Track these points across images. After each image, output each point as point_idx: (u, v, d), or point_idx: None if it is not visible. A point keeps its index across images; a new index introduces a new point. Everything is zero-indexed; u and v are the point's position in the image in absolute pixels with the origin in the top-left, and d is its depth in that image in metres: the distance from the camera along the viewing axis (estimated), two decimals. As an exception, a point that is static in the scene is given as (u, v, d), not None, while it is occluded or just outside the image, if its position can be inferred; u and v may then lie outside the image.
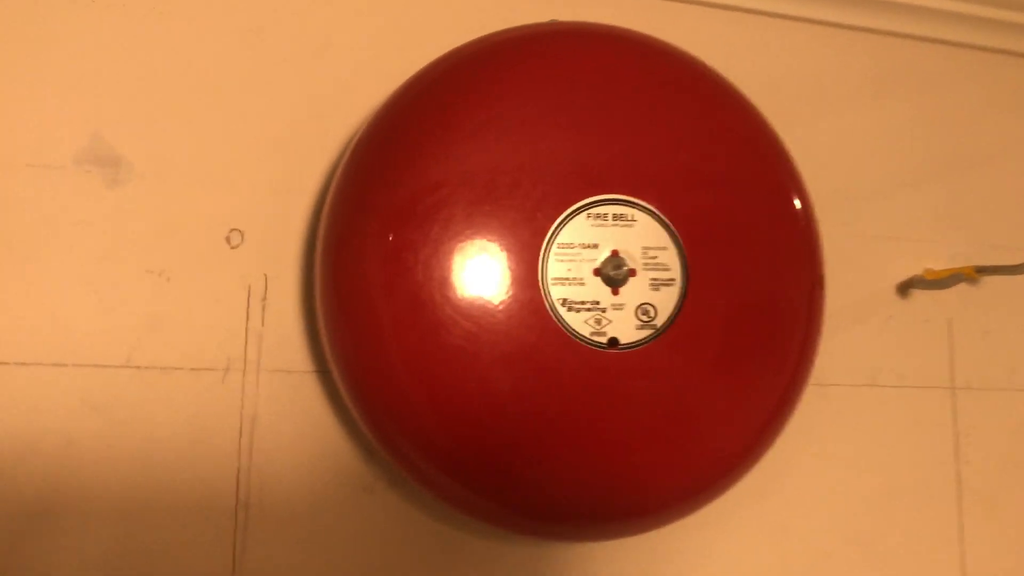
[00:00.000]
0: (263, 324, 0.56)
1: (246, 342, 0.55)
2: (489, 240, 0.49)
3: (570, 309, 0.50)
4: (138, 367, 0.53)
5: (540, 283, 0.49)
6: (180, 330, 0.54)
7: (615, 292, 0.50)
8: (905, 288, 0.69)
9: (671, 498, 0.54)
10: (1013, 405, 0.70)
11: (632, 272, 0.51)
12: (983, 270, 0.66)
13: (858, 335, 0.67)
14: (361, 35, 0.60)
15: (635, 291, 0.51)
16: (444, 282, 0.49)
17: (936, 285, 0.67)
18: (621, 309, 0.50)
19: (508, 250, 0.49)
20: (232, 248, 0.56)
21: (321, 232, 0.52)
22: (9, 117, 0.53)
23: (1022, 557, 0.68)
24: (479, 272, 0.49)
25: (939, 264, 0.69)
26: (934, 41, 0.72)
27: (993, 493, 0.68)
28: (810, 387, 0.59)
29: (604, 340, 0.50)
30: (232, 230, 0.56)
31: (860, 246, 0.69)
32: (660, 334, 0.51)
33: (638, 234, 0.51)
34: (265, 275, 0.56)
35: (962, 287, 0.69)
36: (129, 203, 0.55)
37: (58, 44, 0.54)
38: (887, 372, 0.67)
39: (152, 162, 0.55)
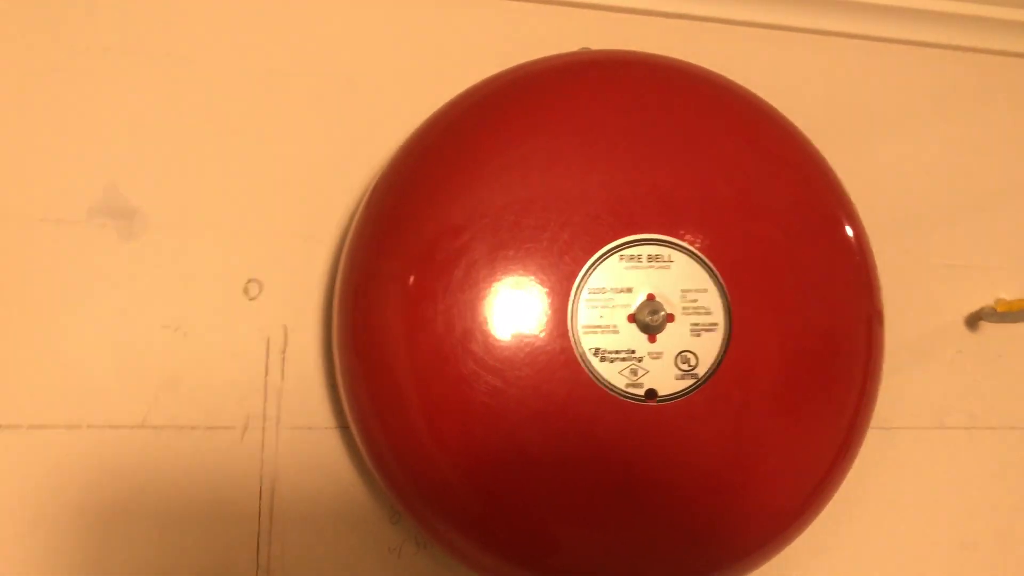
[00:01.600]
0: (283, 378, 0.53)
1: (265, 398, 0.53)
2: (514, 287, 0.46)
3: (603, 359, 0.46)
4: (154, 427, 0.51)
5: (570, 332, 0.46)
6: (197, 387, 0.52)
7: (652, 339, 0.46)
8: (974, 321, 0.63)
9: (723, 560, 0.50)
10: (1101, 446, 0.64)
11: (670, 317, 0.47)
12: (1061, 299, 0.61)
13: (923, 373, 0.62)
14: (383, 77, 0.57)
15: (674, 338, 0.47)
16: (467, 333, 0.45)
17: (1009, 319, 0.62)
18: (659, 358, 0.46)
19: (535, 297, 0.46)
20: (250, 299, 0.53)
21: (338, 280, 0.50)
22: (22, 170, 0.52)
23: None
24: (504, 322, 0.45)
25: (1012, 294, 0.64)
26: (1000, 53, 0.67)
27: (1082, 544, 0.62)
28: (872, 431, 0.54)
29: (641, 392, 0.46)
30: (250, 280, 0.54)
31: (924, 276, 0.64)
32: (703, 384, 0.47)
33: (676, 276, 0.47)
34: (285, 327, 0.54)
35: (1038, 318, 0.64)
36: (144, 256, 0.53)
37: (71, 94, 0.53)
38: (957, 413, 0.62)
39: (167, 212, 0.53)
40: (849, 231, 0.53)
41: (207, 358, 0.52)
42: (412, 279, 0.47)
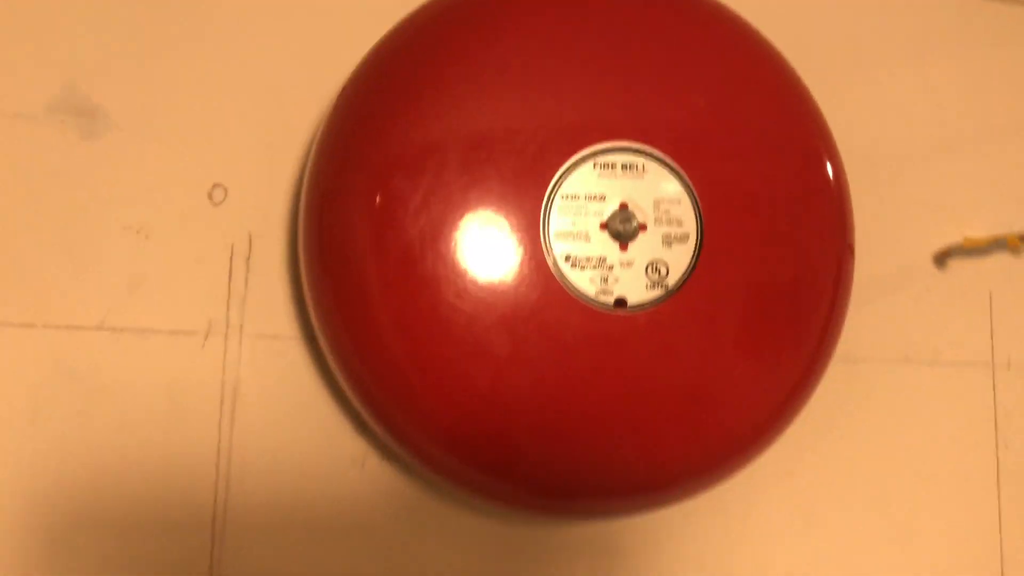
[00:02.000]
0: (246, 286, 0.52)
1: (228, 305, 0.52)
2: (486, 191, 0.45)
3: (574, 266, 0.45)
4: (113, 329, 0.50)
5: (542, 238, 0.45)
6: (158, 291, 0.51)
7: (623, 248, 0.46)
8: (942, 258, 0.64)
9: (683, 473, 0.50)
10: (1059, 384, 0.65)
11: (642, 227, 0.46)
12: (1027, 238, 0.61)
13: (891, 308, 0.63)
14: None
15: (645, 247, 0.46)
16: (436, 237, 0.45)
17: (976, 254, 0.63)
18: (630, 267, 0.46)
19: (507, 202, 0.45)
20: (215, 205, 0.52)
21: (304, 187, 0.49)
22: (-22, 62, 0.50)
23: (1068, 548, 0.63)
24: (475, 226, 0.45)
25: (980, 232, 0.64)
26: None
27: (1036, 478, 0.63)
28: (837, 363, 0.55)
29: (611, 300, 0.46)
30: (215, 185, 0.52)
31: (894, 213, 0.64)
32: (672, 295, 0.46)
33: (649, 186, 0.46)
34: (250, 234, 0.52)
35: (1004, 257, 0.65)
36: (106, 156, 0.51)
37: (31, -15, 0.51)
38: (922, 347, 0.62)
39: (131, 112, 0.52)
40: (828, 164, 0.53)
41: (169, 262, 0.51)
42: (381, 184, 0.46)
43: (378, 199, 0.46)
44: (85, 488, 0.49)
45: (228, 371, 0.51)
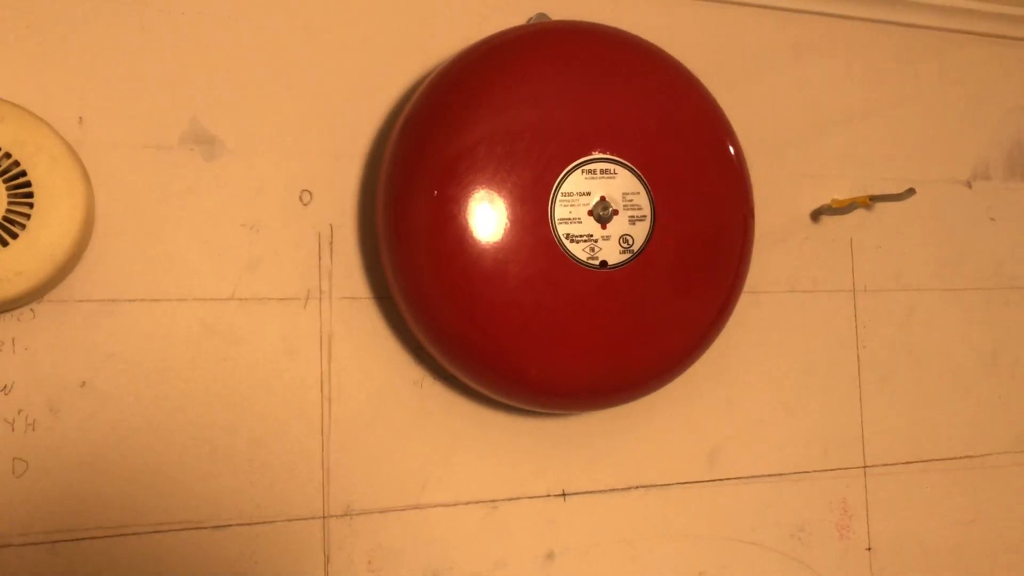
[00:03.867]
0: (332, 263, 0.72)
1: (320, 277, 0.72)
2: (511, 191, 0.66)
3: (572, 241, 0.67)
4: (241, 299, 0.70)
5: (550, 223, 0.67)
6: (270, 269, 0.71)
7: (604, 227, 0.68)
8: (816, 215, 0.88)
9: (644, 376, 0.73)
10: (899, 302, 0.90)
11: (616, 212, 0.69)
12: (876, 198, 0.85)
13: (781, 253, 0.86)
14: (397, 32, 0.75)
15: (618, 226, 0.69)
16: (478, 225, 0.66)
17: (840, 211, 0.87)
18: (608, 240, 0.68)
19: (525, 199, 0.67)
20: (304, 205, 0.72)
21: (380, 186, 0.69)
22: (129, 108, 0.68)
23: (903, 414, 0.90)
24: (505, 216, 0.66)
25: (842, 195, 0.88)
26: (839, 17, 0.90)
27: (884, 369, 0.89)
28: (745, 294, 0.79)
29: (597, 263, 0.68)
30: (303, 191, 0.72)
31: (782, 182, 0.87)
32: (636, 257, 0.69)
33: (619, 183, 0.69)
34: (331, 225, 0.73)
35: (860, 212, 0.89)
36: (224, 173, 0.70)
37: (162, 47, 0.69)
38: (803, 280, 0.87)
39: (239, 139, 0.71)
40: (731, 150, 0.75)
41: (276, 248, 0.71)
42: (438, 188, 0.66)
43: (435, 193, 0.66)
44: (230, 411, 0.69)
45: (323, 324, 0.72)
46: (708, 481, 0.82)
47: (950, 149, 0.95)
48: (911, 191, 0.81)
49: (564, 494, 0.77)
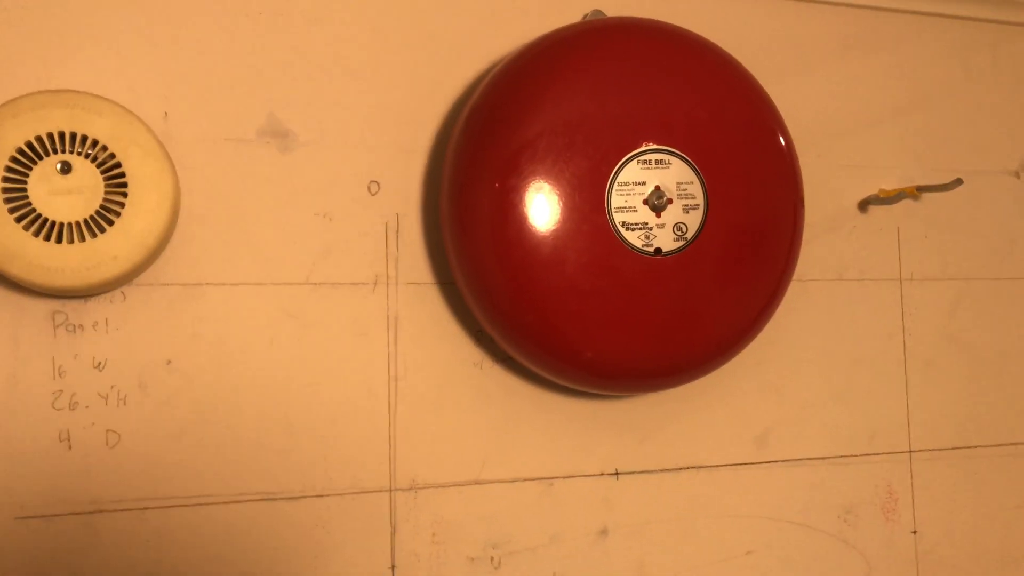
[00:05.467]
0: (398, 250, 0.76)
1: (387, 263, 0.76)
2: (570, 182, 0.70)
3: (628, 229, 0.71)
4: (314, 284, 0.74)
5: (607, 211, 0.70)
6: (341, 256, 0.75)
7: (658, 216, 0.71)
8: (864, 205, 0.90)
9: (695, 360, 0.76)
10: (945, 291, 0.92)
11: (670, 201, 0.72)
12: (923, 188, 0.87)
13: (829, 242, 0.89)
14: (459, 31, 0.79)
15: (672, 215, 0.72)
16: (539, 215, 0.69)
17: (888, 201, 0.89)
18: (663, 228, 0.71)
19: (583, 188, 0.70)
20: (372, 195, 0.76)
21: (445, 178, 0.73)
22: (210, 104, 0.72)
23: (949, 401, 0.92)
24: (564, 206, 0.69)
25: (890, 185, 0.90)
26: (888, 10, 0.92)
27: (930, 356, 0.91)
28: (793, 282, 0.81)
29: (652, 250, 0.71)
30: (371, 182, 0.76)
31: (830, 173, 0.89)
32: (690, 244, 0.72)
33: (674, 173, 0.72)
34: (397, 214, 0.76)
35: (908, 202, 0.91)
36: (298, 164, 0.74)
37: (240, 47, 0.73)
38: (851, 269, 0.89)
39: (311, 133, 0.75)
40: (782, 141, 0.78)
41: (346, 236, 0.75)
42: (498, 180, 0.70)
43: (496, 185, 0.70)
44: (304, 390, 0.73)
45: (390, 307, 0.76)
46: (757, 463, 0.84)
47: (998, 140, 0.96)
48: (958, 181, 0.83)
49: (617, 473, 0.81)
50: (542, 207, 0.69)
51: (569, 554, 0.79)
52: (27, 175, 0.63)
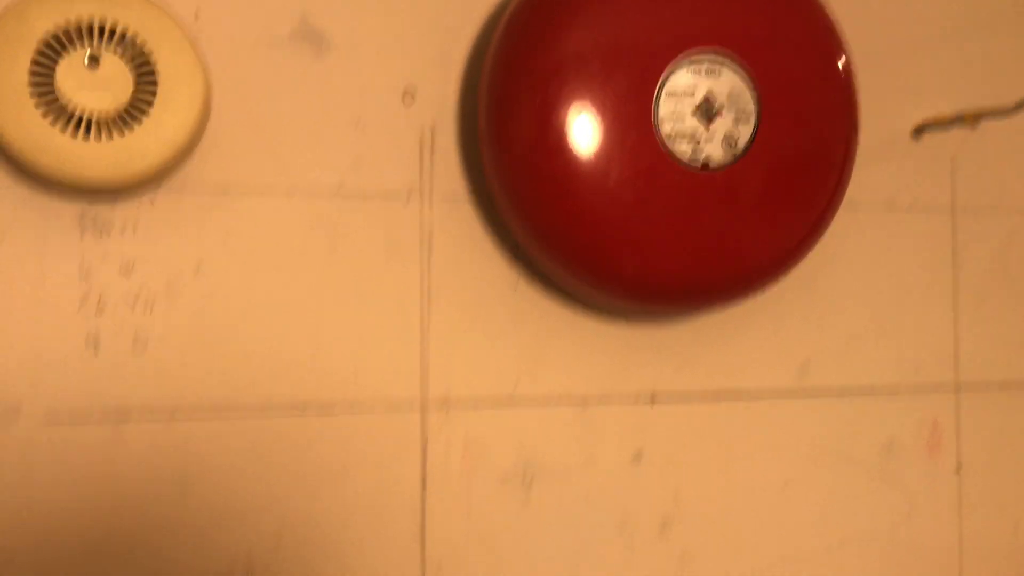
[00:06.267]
0: (432, 163, 0.74)
1: (420, 176, 0.73)
2: (616, 90, 0.66)
3: (675, 140, 0.67)
4: (346, 195, 0.72)
5: (653, 121, 0.67)
6: (374, 167, 0.72)
7: (707, 127, 0.68)
8: (919, 131, 0.86)
9: (737, 281, 0.73)
10: (1001, 221, 0.88)
11: (720, 111, 0.68)
12: (980, 114, 0.83)
13: (880, 168, 0.85)
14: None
15: (722, 126, 0.68)
16: (583, 124, 0.66)
17: (943, 128, 0.85)
18: (712, 140, 0.68)
19: (630, 96, 0.67)
20: (406, 107, 0.73)
21: (483, 89, 0.70)
22: (242, 5, 0.70)
23: (998, 335, 0.88)
24: (609, 115, 0.66)
25: (946, 110, 0.86)
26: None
27: (982, 290, 0.88)
28: (843, 208, 0.78)
29: (699, 163, 0.68)
30: (405, 92, 0.73)
31: (885, 95, 0.86)
32: (740, 158, 0.69)
33: (725, 81, 0.68)
34: (432, 127, 0.74)
35: (964, 131, 0.87)
36: (331, 70, 0.72)
37: (272, -54, 0.71)
38: (903, 196, 0.86)
39: (345, 38, 0.72)
40: (842, 60, 0.74)
41: (380, 147, 0.72)
42: (542, 90, 0.67)
43: (538, 98, 0.67)
44: (335, 303, 0.71)
45: (424, 221, 0.73)
46: (797, 393, 0.82)
47: (1062, 67, 0.91)
48: (1023, 104, 0.79)
49: (653, 399, 0.78)
50: (586, 115, 0.66)
51: (602, 478, 0.77)
52: (54, 68, 0.61)
